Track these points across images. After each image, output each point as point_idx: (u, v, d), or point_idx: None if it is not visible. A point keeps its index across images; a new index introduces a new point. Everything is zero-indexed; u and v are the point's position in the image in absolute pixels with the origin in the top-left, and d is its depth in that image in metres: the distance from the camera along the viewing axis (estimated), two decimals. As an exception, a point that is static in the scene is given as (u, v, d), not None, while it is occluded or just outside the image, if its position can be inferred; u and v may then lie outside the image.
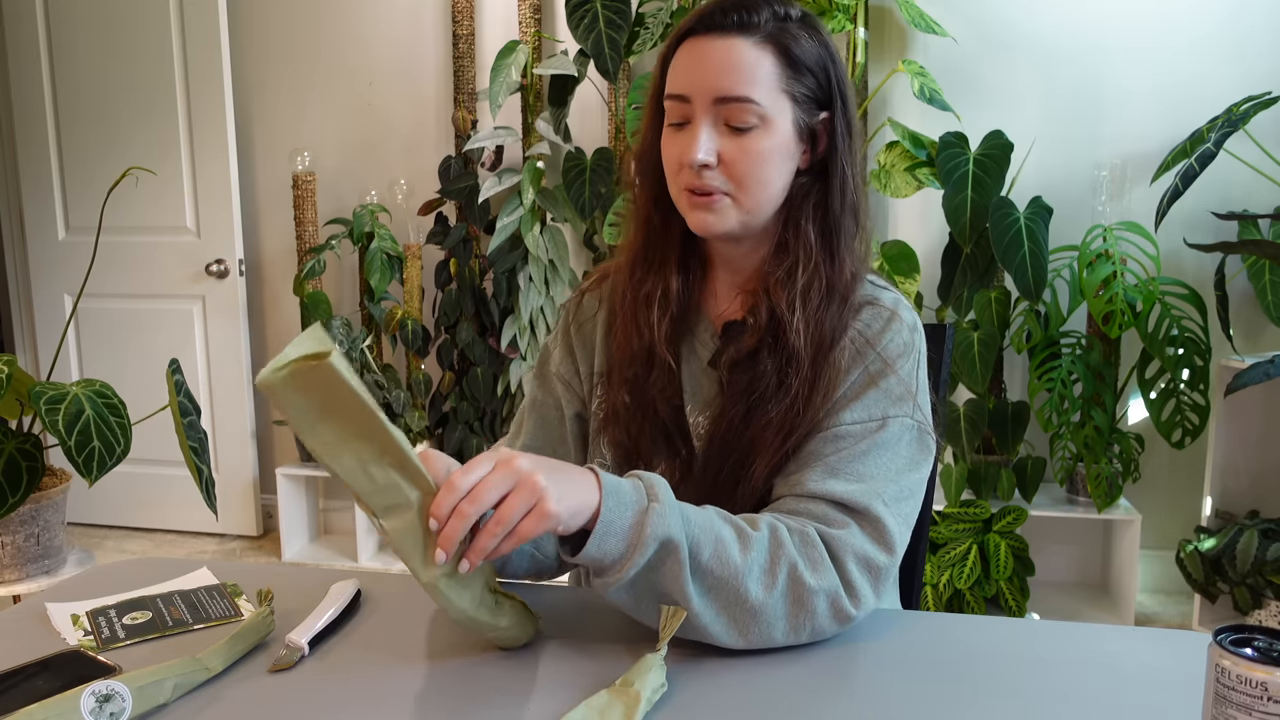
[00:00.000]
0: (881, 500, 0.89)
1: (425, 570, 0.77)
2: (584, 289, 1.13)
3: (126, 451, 2.02)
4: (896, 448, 0.93)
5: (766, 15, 0.92)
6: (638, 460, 1.02)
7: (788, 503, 0.92)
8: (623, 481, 0.82)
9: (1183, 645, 0.87)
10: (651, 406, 1.01)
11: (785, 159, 0.95)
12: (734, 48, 0.91)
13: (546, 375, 1.12)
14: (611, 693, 0.76)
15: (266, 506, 3.46)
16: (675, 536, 0.79)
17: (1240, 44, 2.63)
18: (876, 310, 0.98)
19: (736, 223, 0.96)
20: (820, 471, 0.91)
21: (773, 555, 0.84)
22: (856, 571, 0.86)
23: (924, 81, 2.60)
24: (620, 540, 0.79)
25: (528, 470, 0.75)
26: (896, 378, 0.95)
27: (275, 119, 3.33)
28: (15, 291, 3.60)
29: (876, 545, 0.88)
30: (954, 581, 2.50)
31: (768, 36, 0.92)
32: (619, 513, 0.78)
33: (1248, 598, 2.36)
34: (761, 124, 0.92)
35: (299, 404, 0.71)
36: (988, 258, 2.54)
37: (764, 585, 0.83)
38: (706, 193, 0.94)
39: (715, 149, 0.93)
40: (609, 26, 2.56)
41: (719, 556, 0.82)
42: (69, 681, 0.79)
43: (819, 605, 0.84)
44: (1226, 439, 2.57)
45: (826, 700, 0.78)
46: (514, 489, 0.75)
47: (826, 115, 0.97)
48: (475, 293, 3.04)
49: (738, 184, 0.94)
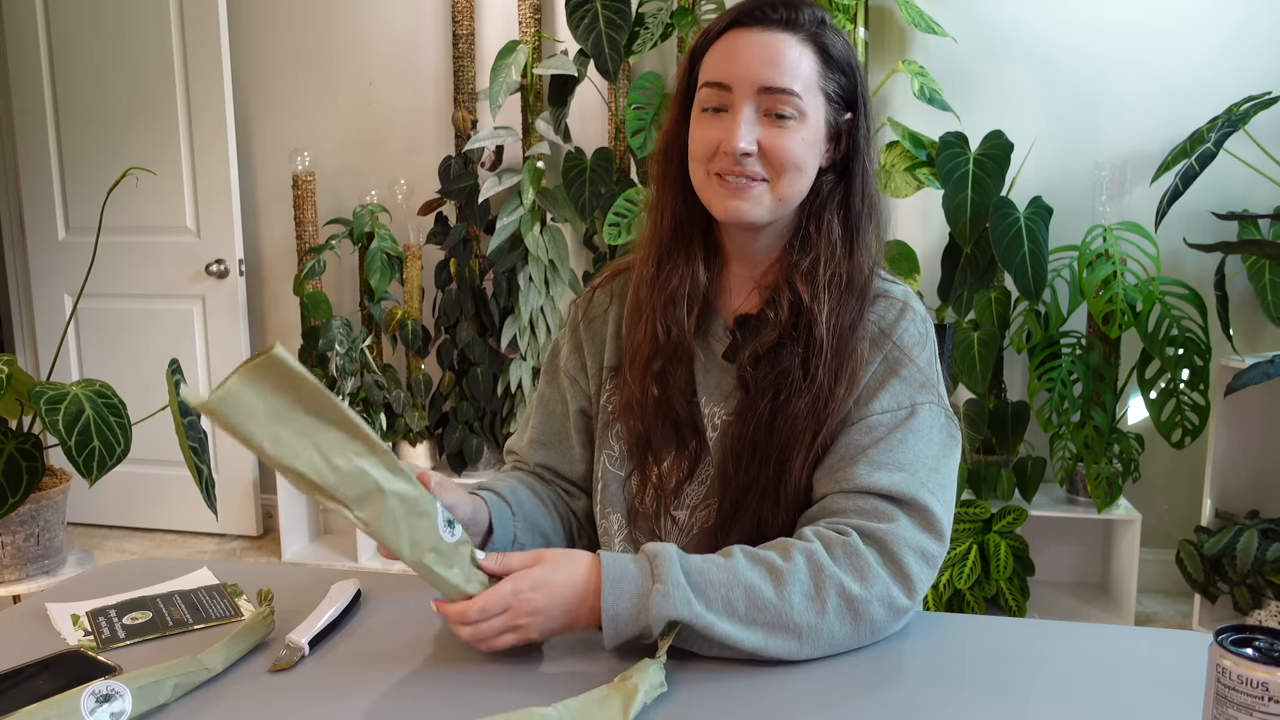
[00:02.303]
0: (927, 489, 0.91)
1: (411, 550, 0.78)
2: (595, 285, 1.15)
3: (126, 451, 2.02)
4: (930, 434, 0.94)
5: (809, 15, 0.97)
6: (648, 452, 1.04)
7: (836, 500, 0.93)
8: (629, 567, 0.85)
9: (1183, 645, 0.88)
10: (667, 399, 1.03)
11: (816, 153, 0.98)
12: (781, 42, 0.95)
13: (555, 370, 1.14)
14: (610, 687, 0.77)
15: (266, 506, 3.46)
16: (682, 615, 0.82)
17: (1240, 44, 2.63)
18: (890, 302, 1.00)
19: (768, 210, 0.97)
20: (864, 465, 0.92)
21: (815, 580, 0.85)
22: (913, 563, 0.88)
23: (924, 81, 2.60)
24: (630, 625, 0.83)
25: (525, 623, 0.83)
26: (915, 367, 0.97)
27: (275, 119, 3.33)
28: (15, 291, 3.60)
29: (928, 534, 0.90)
30: (954, 581, 2.50)
31: (810, 35, 0.96)
32: (621, 603, 0.83)
33: (1248, 598, 2.36)
34: (799, 117, 0.95)
35: (256, 408, 0.70)
36: (988, 258, 2.54)
37: (813, 612, 0.84)
38: (743, 179, 0.95)
39: (755, 137, 0.94)
40: (609, 26, 2.56)
41: (754, 604, 0.84)
42: (69, 681, 0.79)
43: (875, 612, 0.86)
44: (1226, 439, 2.57)
45: (826, 700, 0.78)
46: (510, 630, 0.83)
47: (851, 116, 1.00)
48: (475, 293, 3.04)
49: (775, 171, 0.95)
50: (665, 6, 2.65)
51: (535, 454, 1.14)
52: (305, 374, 0.71)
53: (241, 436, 0.70)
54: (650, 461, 1.04)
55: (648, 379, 1.03)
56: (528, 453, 1.14)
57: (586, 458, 1.12)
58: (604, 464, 1.08)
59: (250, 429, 0.70)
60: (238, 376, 0.68)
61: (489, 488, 1.04)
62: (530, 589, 0.83)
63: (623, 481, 1.07)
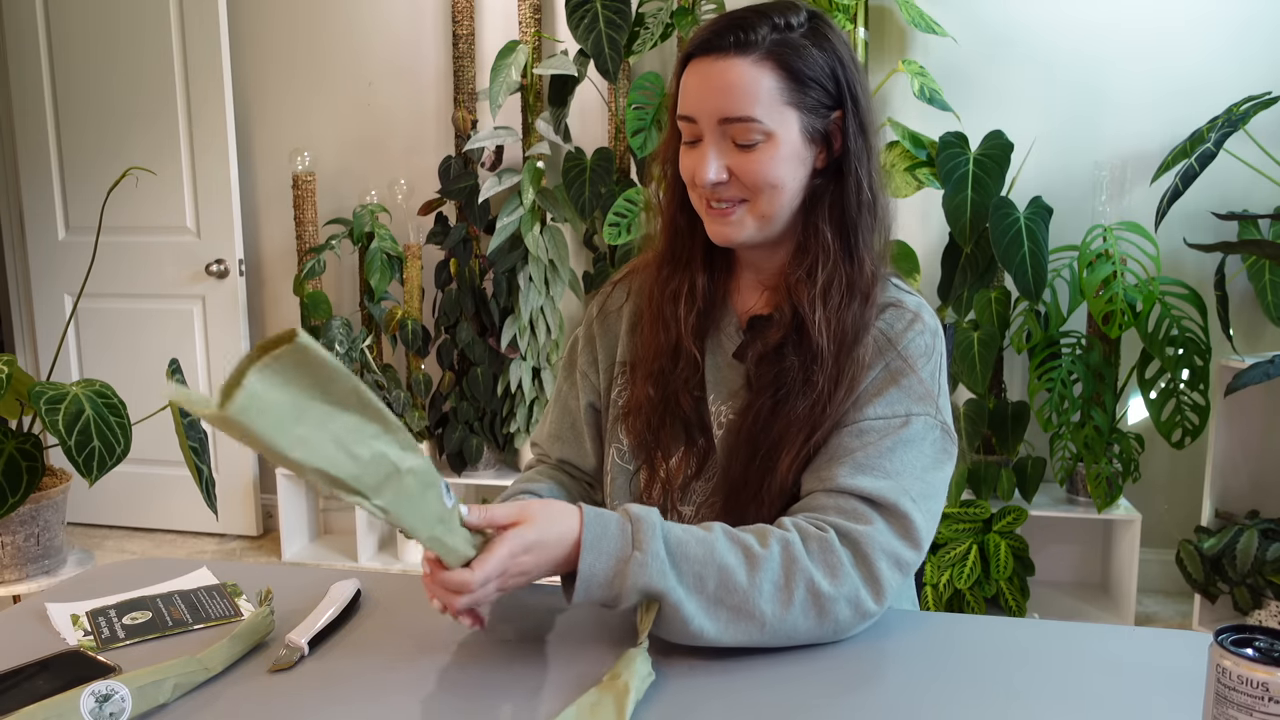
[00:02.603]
0: (909, 497, 0.91)
1: (425, 527, 0.76)
2: (614, 280, 1.17)
3: (126, 451, 2.02)
4: (921, 445, 0.94)
5: (765, 31, 0.93)
6: (655, 450, 1.05)
7: (818, 498, 0.93)
8: (610, 527, 0.84)
9: (1183, 645, 0.87)
10: (675, 399, 1.04)
11: (796, 165, 0.96)
12: (732, 68, 0.93)
13: (571, 365, 1.17)
14: (600, 689, 0.76)
15: (266, 506, 3.46)
16: (658, 585, 0.82)
17: (1240, 44, 2.63)
18: (900, 312, 1.00)
19: (753, 230, 0.98)
20: (849, 467, 0.92)
21: (787, 571, 0.85)
22: (885, 568, 0.88)
23: (924, 81, 2.60)
24: (603, 589, 0.83)
25: (514, 583, 0.83)
26: (917, 378, 0.96)
27: (275, 119, 3.33)
28: (15, 291, 3.60)
29: (904, 541, 0.90)
30: (954, 581, 2.50)
31: (767, 53, 0.93)
32: (599, 564, 0.83)
33: (1248, 598, 2.36)
34: (766, 139, 0.94)
35: (278, 407, 0.63)
36: (988, 258, 2.54)
37: (779, 602, 0.84)
38: (724, 204, 0.97)
39: (724, 166, 0.95)
40: (609, 26, 2.56)
41: (725, 586, 0.84)
42: (69, 681, 0.79)
43: (840, 611, 0.86)
44: (1226, 439, 2.57)
45: (825, 700, 0.78)
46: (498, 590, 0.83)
47: (839, 114, 0.97)
48: (475, 293, 3.04)
49: (752, 193, 0.96)
50: (665, 6, 2.65)
51: (554, 448, 1.16)
52: (328, 358, 0.65)
53: (263, 444, 0.63)
54: (659, 458, 1.06)
55: (648, 380, 1.05)
56: (549, 446, 1.17)
57: (597, 452, 1.15)
58: (613, 457, 1.11)
59: (273, 435, 0.63)
60: (257, 373, 0.62)
61: (528, 490, 1.08)
62: (523, 551, 0.82)
63: (630, 476, 1.09)
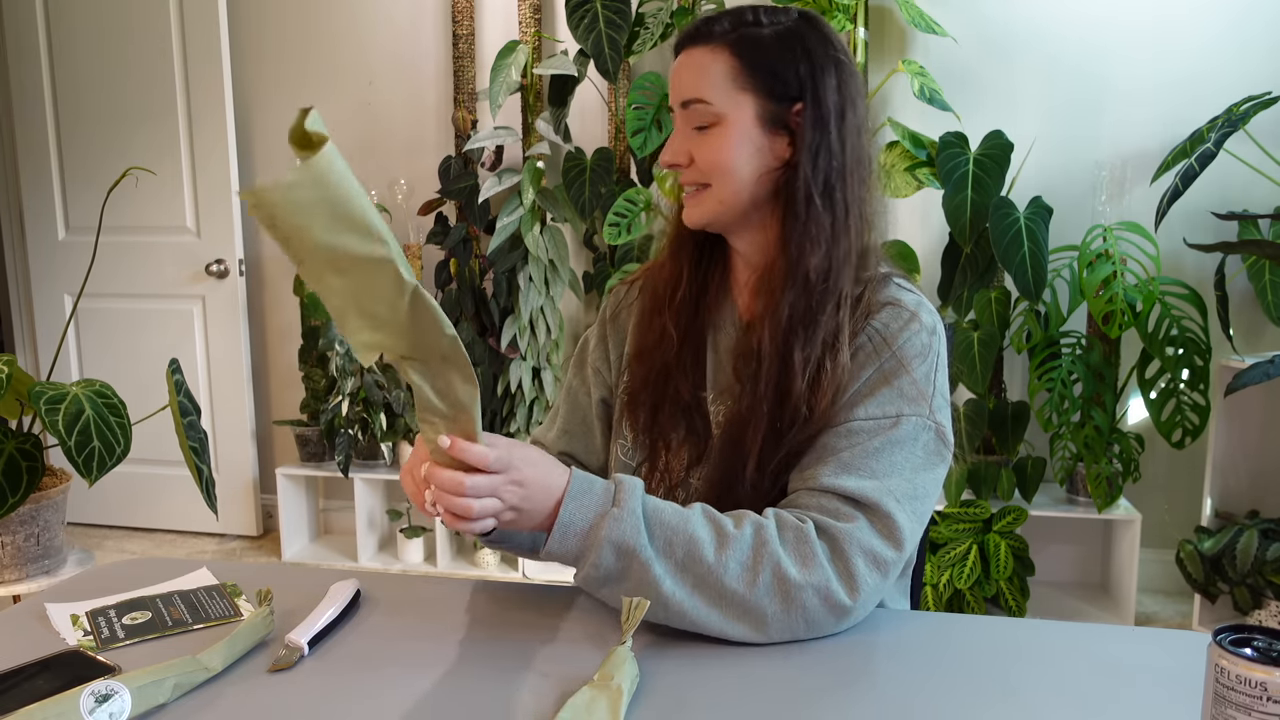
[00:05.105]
0: (893, 497, 0.91)
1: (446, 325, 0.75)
2: (630, 279, 1.19)
3: (126, 451, 2.02)
4: (911, 447, 0.94)
5: (726, 24, 0.99)
6: (657, 439, 1.07)
7: (801, 497, 0.94)
8: (595, 485, 0.88)
9: (1183, 645, 0.88)
10: (673, 387, 1.06)
11: (751, 151, 0.98)
12: (693, 56, 0.99)
13: (582, 362, 1.19)
14: (593, 688, 0.76)
15: (266, 506, 3.46)
16: (630, 541, 0.85)
17: (1240, 44, 2.63)
18: (897, 311, 0.99)
19: (710, 213, 1.01)
20: (833, 466, 0.93)
21: (755, 553, 0.86)
22: (862, 564, 0.88)
23: (924, 81, 2.60)
24: (578, 540, 0.86)
25: (509, 491, 0.84)
26: (910, 378, 0.95)
27: (275, 119, 3.33)
28: (15, 291, 3.60)
29: (884, 540, 0.89)
30: (954, 581, 2.50)
31: (723, 41, 0.98)
32: (578, 515, 0.86)
33: (1248, 598, 2.36)
34: (719, 122, 0.98)
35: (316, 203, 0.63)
36: (988, 258, 2.54)
37: (744, 582, 0.86)
38: (692, 188, 1.02)
39: (685, 150, 1.00)
40: (609, 26, 2.56)
41: (692, 556, 0.86)
42: (69, 681, 0.79)
43: (809, 600, 0.86)
44: (1226, 439, 2.57)
45: (823, 698, 0.78)
46: (493, 494, 0.84)
47: (800, 106, 0.97)
48: (475, 293, 3.04)
49: (709, 177, 1.00)
50: (665, 6, 2.65)
51: (561, 443, 1.18)
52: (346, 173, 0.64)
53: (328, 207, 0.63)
54: (660, 448, 1.07)
55: (645, 366, 1.08)
56: (552, 443, 1.18)
57: (606, 447, 1.16)
58: (616, 453, 1.12)
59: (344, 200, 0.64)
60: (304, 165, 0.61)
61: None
62: (523, 462, 0.85)
63: (632, 470, 1.09)
